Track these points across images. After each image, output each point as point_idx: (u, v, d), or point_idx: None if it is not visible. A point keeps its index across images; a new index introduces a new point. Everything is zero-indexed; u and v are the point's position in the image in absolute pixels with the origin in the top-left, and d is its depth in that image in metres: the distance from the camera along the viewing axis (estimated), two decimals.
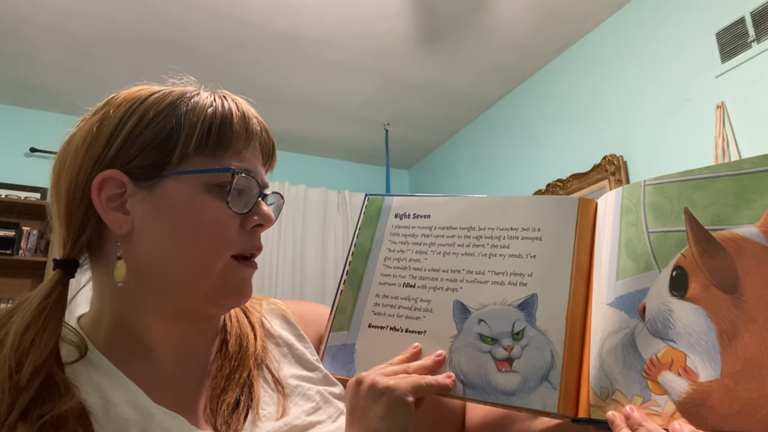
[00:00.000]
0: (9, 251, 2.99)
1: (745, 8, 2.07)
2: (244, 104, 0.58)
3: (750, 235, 0.45)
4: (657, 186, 0.52)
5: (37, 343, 0.47)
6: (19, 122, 3.31)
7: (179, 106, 0.53)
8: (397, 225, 0.66)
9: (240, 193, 0.54)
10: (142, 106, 0.53)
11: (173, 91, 0.55)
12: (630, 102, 2.55)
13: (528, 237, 0.58)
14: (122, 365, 0.51)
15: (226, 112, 0.55)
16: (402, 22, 2.70)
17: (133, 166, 0.52)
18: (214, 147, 0.53)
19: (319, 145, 4.06)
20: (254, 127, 0.57)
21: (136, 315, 0.53)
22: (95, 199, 0.51)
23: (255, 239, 0.56)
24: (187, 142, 0.52)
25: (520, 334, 0.54)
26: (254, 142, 0.57)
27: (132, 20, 2.61)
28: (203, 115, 0.53)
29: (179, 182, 0.52)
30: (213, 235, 0.52)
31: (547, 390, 0.51)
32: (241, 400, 0.52)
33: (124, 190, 0.52)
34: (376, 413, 0.49)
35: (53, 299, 0.50)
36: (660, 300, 0.48)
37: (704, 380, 0.43)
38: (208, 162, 0.53)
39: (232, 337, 0.58)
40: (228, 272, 0.53)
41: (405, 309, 0.60)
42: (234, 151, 0.54)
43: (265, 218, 0.56)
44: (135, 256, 0.52)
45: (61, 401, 0.45)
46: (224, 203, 0.52)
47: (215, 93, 0.57)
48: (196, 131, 0.52)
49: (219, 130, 0.53)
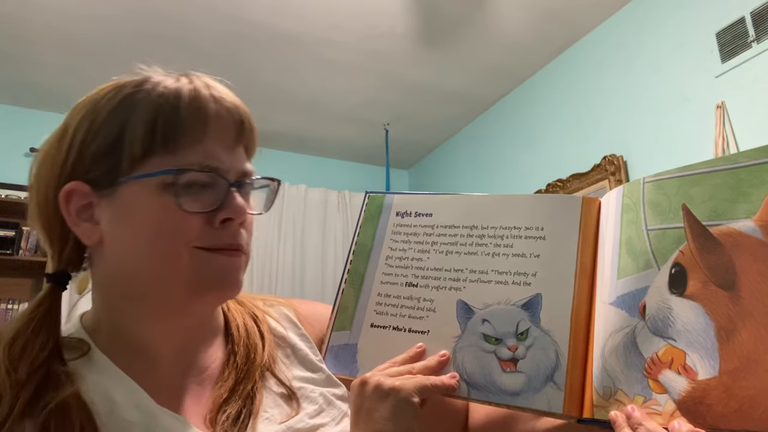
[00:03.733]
0: (9, 251, 2.98)
1: (745, 8, 2.07)
2: (203, 85, 0.52)
3: (746, 230, 0.45)
4: (656, 183, 0.52)
5: (30, 349, 0.47)
6: (19, 122, 3.31)
7: (127, 104, 0.50)
8: (399, 223, 0.66)
9: (204, 189, 0.50)
10: (93, 111, 0.51)
11: (125, 86, 0.52)
12: (630, 102, 2.55)
13: (531, 236, 0.58)
14: (124, 365, 0.51)
15: (173, 101, 0.50)
16: (402, 22, 2.70)
17: (92, 175, 0.50)
18: (162, 144, 0.49)
19: (319, 145, 4.06)
20: (211, 110, 0.51)
21: (128, 319, 0.53)
22: (64, 213, 0.51)
23: (225, 235, 0.51)
24: (133, 146, 0.49)
25: (525, 334, 0.54)
26: (216, 126, 0.51)
27: (132, 20, 2.61)
28: (147, 110, 0.50)
29: (134, 186, 0.50)
30: (173, 236, 0.49)
31: (552, 390, 0.51)
32: (243, 412, 0.52)
33: (91, 201, 0.51)
34: (382, 414, 0.49)
35: (41, 311, 0.50)
36: (659, 298, 0.48)
37: (703, 378, 0.44)
38: (164, 160, 0.49)
39: (240, 348, 0.57)
40: (196, 263, 0.50)
41: (408, 308, 0.60)
42: (190, 142, 0.50)
43: (234, 212, 0.51)
44: (111, 263, 0.52)
45: (63, 389, 0.46)
46: (178, 203, 0.49)
47: (179, 79, 0.52)
48: (140, 130, 0.49)
49: (165, 124, 0.49)
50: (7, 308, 2.99)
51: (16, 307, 3.01)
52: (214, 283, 0.51)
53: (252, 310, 0.62)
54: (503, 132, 3.42)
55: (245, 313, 0.61)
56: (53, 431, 0.44)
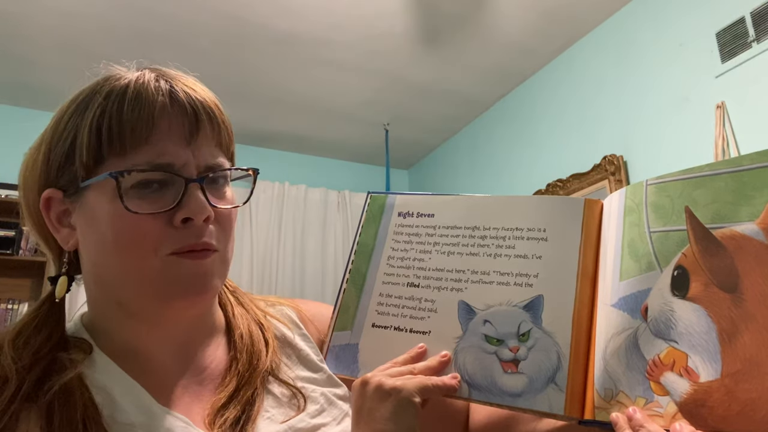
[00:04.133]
0: (9, 251, 2.98)
1: (745, 8, 2.07)
2: (154, 77, 0.50)
3: (750, 233, 0.45)
4: (659, 185, 0.52)
5: (32, 342, 0.49)
6: (19, 122, 3.30)
7: (79, 110, 0.50)
8: (401, 224, 0.66)
9: (159, 189, 0.48)
10: (59, 116, 0.52)
11: (83, 90, 0.51)
12: (630, 102, 2.55)
13: (534, 237, 0.58)
14: (124, 365, 0.51)
15: (118, 101, 0.48)
16: (402, 22, 2.70)
17: (61, 183, 0.51)
18: (110, 147, 0.48)
19: (319, 145, 4.06)
20: (158, 105, 0.49)
21: (115, 322, 0.53)
22: (46, 219, 0.52)
23: (189, 235, 0.49)
24: (82, 153, 0.48)
25: (526, 335, 0.54)
26: (164, 121, 0.49)
27: (132, 20, 2.61)
28: (94, 113, 0.48)
29: (93, 192, 0.49)
30: (134, 239, 0.48)
31: (554, 392, 0.51)
32: (242, 417, 0.52)
33: (67, 207, 0.52)
34: (383, 414, 0.49)
35: (44, 310, 0.52)
36: (662, 300, 0.48)
37: (705, 381, 0.44)
38: (118, 162, 0.48)
39: (243, 355, 0.56)
40: (167, 270, 0.49)
41: (409, 309, 0.60)
42: (137, 141, 0.48)
43: (192, 210, 0.49)
44: (88, 269, 0.53)
45: (66, 372, 0.47)
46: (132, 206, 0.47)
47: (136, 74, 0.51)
48: (86, 138, 0.48)
49: (109, 127, 0.48)
50: (7, 308, 2.99)
51: (16, 307, 3.01)
52: (180, 290, 0.49)
53: (258, 317, 0.61)
54: (503, 132, 3.42)
55: (251, 320, 0.61)
56: (57, 412, 0.45)
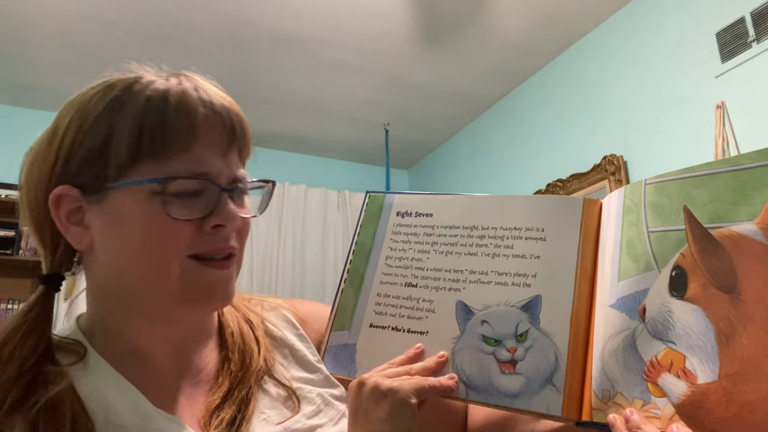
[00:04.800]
0: (9, 251, 2.99)
1: (745, 8, 2.07)
2: (193, 87, 0.51)
3: (748, 233, 0.45)
4: (657, 185, 0.52)
5: (17, 354, 0.47)
6: (19, 122, 3.30)
7: (115, 108, 0.49)
8: (399, 223, 0.65)
9: (194, 196, 0.49)
10: (83, 112, 0.50)
11: (115, 87, 0.51)
12: (630, 102, 2.55)
13: (532, 237, 0.58)
14: (119, 367, 0.51)
15: (161, 107, 0.49)
16: (402, 22, 2.70)
17: (81, 180, 0.50)
18: (150, 151, 0.48)
19: (319, 145, 4.06)
20: (200, 115, 0.50)
21: (120, 323, 0.52)
22: (54, 217, 0.50)
23: (218, 240, 0.51)
24: (119, 153, 0.48)
25: (524, 335, 0.54)
26: (205, 132, 0.50)
27: (132, 20, 2.61)
28: (135, 116, 0.48)
29: (124, 193, 0.49)
30: (161, 243, 0.49)
31: (551, 393, 0.50)
32: (237, 417, 0.51)
33: (80, 205, 0.50)
34: (379, 415, 0.49)
35: (32, 315, 0.50)
36: (660, 301, 0.48)
37: (702, 382, 0.43)
38: (153, 167, 0.48)
39: (234, 354, 0.56)
40: (187, 275, 0.50)
41: (407, 309, 0.60)
42: (178, 149, 0.49)
43: (225, 218, 0.50)
44: (101, 269, 0.52)
45: (52, 387, 0.46)
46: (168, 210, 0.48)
47: (169, 79, 0.51)
48: (125, 139, 0.48)
49: (152, 131, 0.48)
50: (7, 308, 2.99)
51: (16, 306, 3.01)
52: (202, 296, 0.51)
53: (246, 314, 0.61)
54: (503, 132, 3.42)
55: (240, 318, 0.60)
56: (42, 429, 0.44)
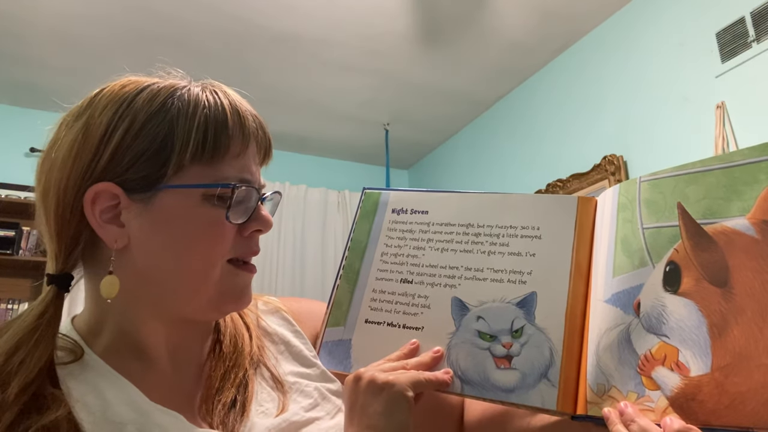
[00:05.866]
0: (9, 251, 2.99)
1: (745, 8, 2.07)
2: (237, 100, 0.55)
3: (740, 228, 0.45)
4: (652, 182, 0.53)
5: (27, 363, 0.45)
6: (19, 122, 3.31)
7: (170, 110, 0.50)
8: (395, 220, 0.66)
9: (239, 203, 0.52)
10: (130, 110, 0.50)
11: (161, 89, 0.52)
12: (630, 102, 2.55)
13: (527, 235, 0.59)
14: (118, 366, 0.50)
15: (221, 113, 0.52)
16: (402, 22, 2.71)
17: (126, 178, 0.49)
18: (210, 155, 0.50)
19: (319, 145, 4.06)
20: (250, 127, 0.54)
21: (135, 323, 0.52)
22: (88, 214, 0.49)
23: (252, 244, 0.55)
24: (182, 153, 0.49)
25: (519, 331, 0.54)
26: (251, 142, 0.54)
27: (132, 20, 2.62)
28: (197, 120, 0.50)
29: (177, 195, 0.50)
30: (211, 246, 0.51)
31: (546, 387, 0.51)
32: (237, 399, 0.52)
33: (117, 202, 0.49)
34: (376, 409, 0.49)
35: (46, 319, 0.48)
36: (654, 295, 0.48)
37: (695, 375, 0.44)
38: (205, 171, 0.50)
39: (226, 337, 0.58)
40: (226, 278, 0.52)
41: (402, 305, 0.60)
42: (231, 156, 0.52)
43: (265, 224, 0.55)
44: (132, 268, 0.50)
45: (47, 413, 0.44)
46: (224, 215, 0.51)
47: (206, 88, 0.53)
48: (191, 140, 0.49)
49: (215, 136, 0.51)
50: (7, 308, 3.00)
51: (16, 307, 3.02)
52: (235, 298, 0.54)
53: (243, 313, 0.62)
54: (503, 132, 3.42)
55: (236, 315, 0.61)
56: None
